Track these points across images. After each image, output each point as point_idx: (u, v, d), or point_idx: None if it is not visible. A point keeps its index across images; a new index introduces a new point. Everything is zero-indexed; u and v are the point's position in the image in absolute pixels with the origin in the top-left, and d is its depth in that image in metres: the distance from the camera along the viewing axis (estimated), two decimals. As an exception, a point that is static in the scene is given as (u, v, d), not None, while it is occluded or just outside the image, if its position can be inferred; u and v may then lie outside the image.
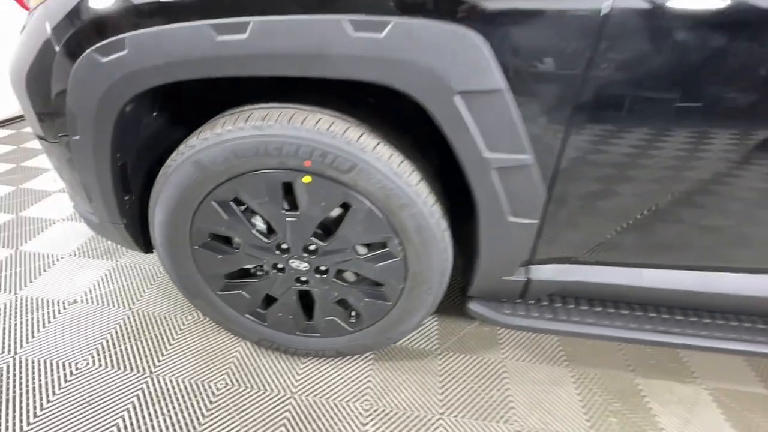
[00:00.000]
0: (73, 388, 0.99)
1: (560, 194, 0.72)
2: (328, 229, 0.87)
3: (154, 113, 0.86)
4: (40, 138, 0.89)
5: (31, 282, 1.30)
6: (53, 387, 0.99)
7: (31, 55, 0.72)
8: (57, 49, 0.67)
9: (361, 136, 0.71)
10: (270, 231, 0.88)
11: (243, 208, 0.86)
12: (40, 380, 1.00)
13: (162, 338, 1.13)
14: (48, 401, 0.96)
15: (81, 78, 0.67)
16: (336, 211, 0.84)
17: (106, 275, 1.34)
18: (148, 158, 0.92)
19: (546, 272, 0.87)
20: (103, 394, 0.98)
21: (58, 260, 1.40)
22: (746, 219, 0.73)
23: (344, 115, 0.74)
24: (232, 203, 0.83)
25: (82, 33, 0.64)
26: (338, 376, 1.05)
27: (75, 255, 1.42)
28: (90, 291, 1.27)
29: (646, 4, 0.55)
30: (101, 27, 0.63)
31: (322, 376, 1.05)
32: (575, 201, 0.73)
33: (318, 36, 0.58)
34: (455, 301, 1.32)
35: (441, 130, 0.65)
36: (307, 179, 0.76)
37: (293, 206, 0.82)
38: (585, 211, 0.75)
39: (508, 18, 0.56)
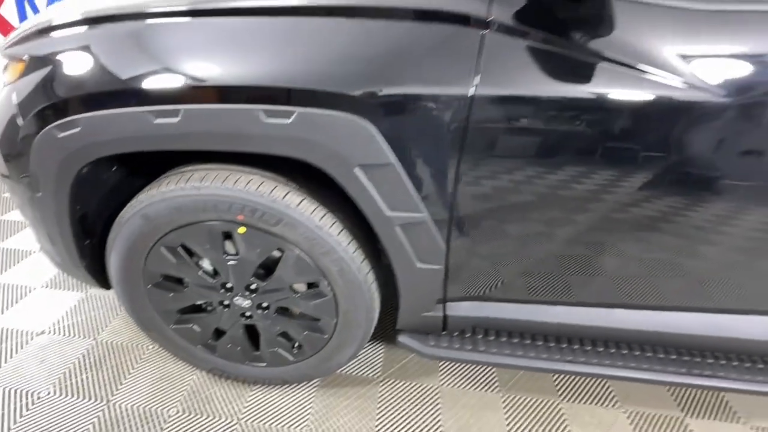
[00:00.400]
0: (33, 416, 1.06)
1: (457, 244, 0.84)
2: (269, 269, 0.98)
3: (114, 168, 0.97)
4: (5, 176, 0.99)
5: (2, 313, 1.38)
6: (15, 415, 1.06)
7: (2, 124, 0.84)
8: (21, 123, 0.78)
9: (287, 194, 0.83)
10: (215, 272, 0.99)
11: (190, 252, 0.97)
12: (2, 409, 1.08)
13: (122, 367, 1.21)
14: (8, 429, 1.03)
15: (41, 148, 0.78)
16: (277, 253, 0.95)
17: (75, 306, 1.42)
18: (110, 205, 1.02)
19: (461, 309, 0.98)
20: (61, 422, 1.05)
21: (30, 291, 1.48)
22: (629, 258, 0.85)
23: (276, 175, 0.86)
24: (180, 248, 0.94)
25: (42, 112, 0.76)
26: (283, 402, 1.14)
27: (47, 286, 1.51)
28: (59, 321, 1.35)
29: (501, 91, 0.68)
30: (58, 108, 0.75)
31: (268, 402, 1.14)
32: (471, 249, 0.85)
33: (237, 121, 0.71)
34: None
35: (348, 194, 0.77)
36: (242, 230, 0.87)
37: (234, 251, 0.93)
38: (481, 256, 0.87)
39: (390, 106, 0.69)
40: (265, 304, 1.01)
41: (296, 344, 1.09)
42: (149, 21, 0.73)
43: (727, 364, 1.05)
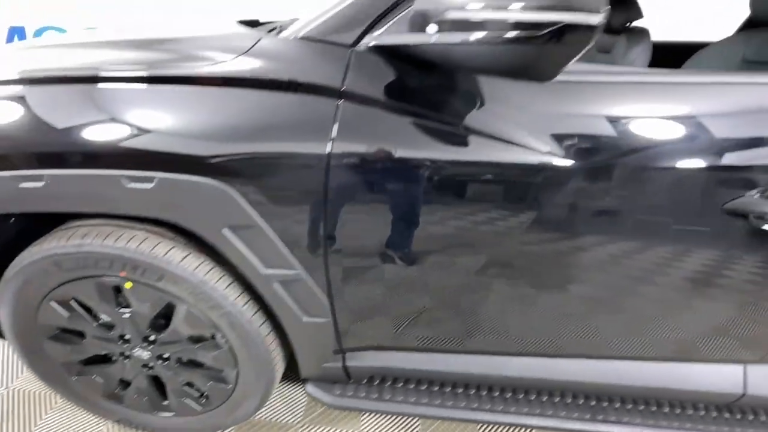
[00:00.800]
0: (-76, 475, 1.02)
1: (339, 298, 0.84)
2: (168, 319, 0.97)
3: (12, 219, 0.97)
4: None
5: None
6: None
7: None
8: None
9: (169, 250, 0.83)
10: (112, 324, 0.97)
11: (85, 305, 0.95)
12: None
13: (30, 418, 1.17)
14: None
15: None
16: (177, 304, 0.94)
17: (-5, 351, 1.39)
18: (10, 255, 1.01)
19: (360, 359, 0.98)
20: (-47, 481, 1.01)
21: (-49, 336, 1.44)
22: (496, 311, 0.87)
23: (164, 230, 0.86)
24: (73, 302, 0.93)
25: None
26: (192, 454, 1.11)
27: (-30, 330, 1.47)
28: (-26, 368, 1.32)
29: (354, 153, 0.71)
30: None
31: (177, 454, 1.11)
32: (354, 302, 0.86)
33: (100, 186, 0.72)
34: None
35: (222, 255, 0.78)
36: (128, 285, 0.87)
37: (127, 304, 0.93)
38: (367, 308, 0.87)
39: (250, 170, 0.71)
40: (165, 355, 1.00)
41: (203, 394, 1.07)
42: (13, 87, 0.75)
43: (633, 409, 1.05)
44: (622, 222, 0.74)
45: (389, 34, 0.68)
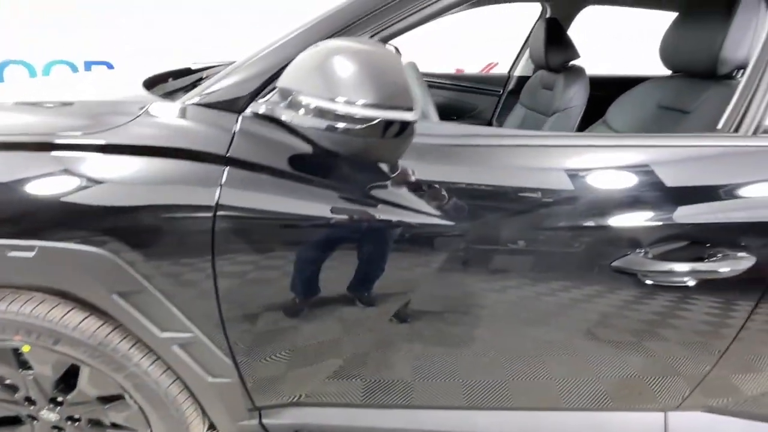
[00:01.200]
0: None
1: (243, 357, 0.83)
2: (76, 379, 0.94)
3: None
4: None
5: None
6: None
7: None
8: None
9: (66, 314, 0.80)
10: (16, 386, 0.94)
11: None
12: None
13: (-61, 483, 1.10)
14: None
15: None
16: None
17: None
18: None
19: (277, 416, 0.95)
20: None
21: None
22: (405, 365, 0.87)
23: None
24: (-29, 364, 0.90)
25: None
26: None
27: None
28: None
29: (238, 214, 0.71)
30: None
31: None
32: (258, 360, 0.85)
33: (-23, 255, 0.70)
34: None
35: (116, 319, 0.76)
36: (26, 348, 0.84)
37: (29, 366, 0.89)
38: (272, 367, 0.86)
39: (135, 236, 0.70)
40: (76, 416, 0.96)
41: (120, 455, 1.03)
42: None
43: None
44: (516, 281, 0.75)
45: (267, 104, 0.70)
